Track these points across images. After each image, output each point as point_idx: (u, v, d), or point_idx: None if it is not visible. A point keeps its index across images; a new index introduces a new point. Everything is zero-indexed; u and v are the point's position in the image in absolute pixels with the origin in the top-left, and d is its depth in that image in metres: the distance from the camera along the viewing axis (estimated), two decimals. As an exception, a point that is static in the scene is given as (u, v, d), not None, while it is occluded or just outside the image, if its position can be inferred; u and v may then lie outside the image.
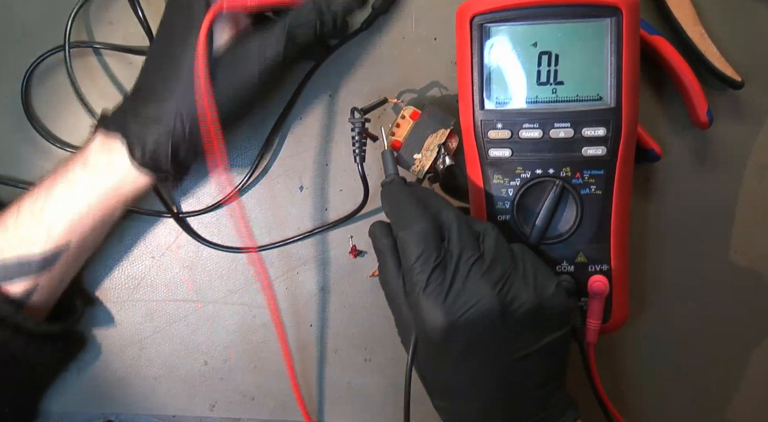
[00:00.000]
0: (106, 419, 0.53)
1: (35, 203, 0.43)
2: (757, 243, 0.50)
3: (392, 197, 0.40)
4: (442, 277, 0.36)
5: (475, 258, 0.37)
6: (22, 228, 0.43)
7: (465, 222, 0.38)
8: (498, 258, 0.37)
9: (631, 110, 0.42)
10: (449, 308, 0.36)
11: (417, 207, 0.38)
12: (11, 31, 0.52)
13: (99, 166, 0.43)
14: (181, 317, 0.52)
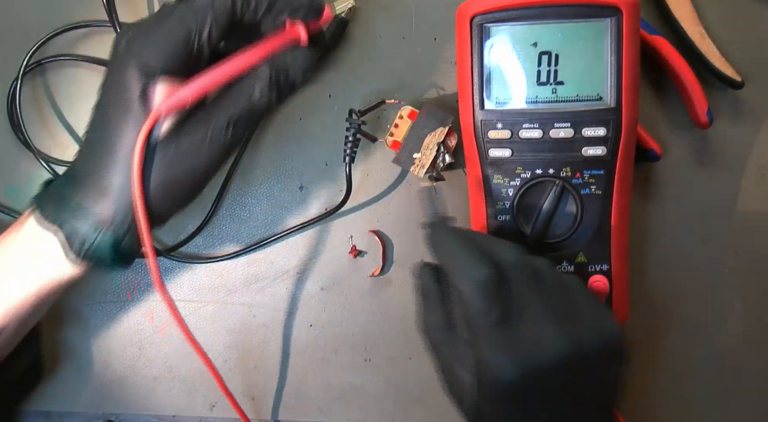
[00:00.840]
0: (106, 419, 0.53)
1: None
2: (757, 243, 0.50)
3: (444, 242, 0.38)
4: (508, 326, 0.34)
5: (540, 301, 0.35)
6: None
7: (524, 263, 0.37)
8: (558, 296, 0.36)
9: (631, 110, 0.42)
10: (522, 358, 0.34)
11: (473, 250, 0.36)
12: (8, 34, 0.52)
13: (36, 255, 0.38)
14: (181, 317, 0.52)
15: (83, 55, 0.52)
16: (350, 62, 0.51)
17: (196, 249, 0.52)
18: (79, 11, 0.51)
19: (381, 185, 0.51)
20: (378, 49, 0.51)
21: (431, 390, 0.51)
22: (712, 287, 0.50)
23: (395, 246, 0.51)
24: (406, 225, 0.51)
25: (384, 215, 0.51)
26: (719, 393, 0.50)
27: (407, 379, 0.51)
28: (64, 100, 0.52)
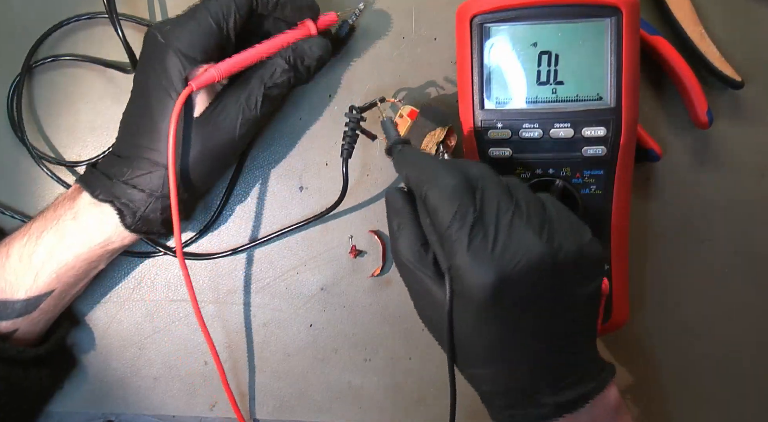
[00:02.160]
0: (106, 419, 0.53)
1: (24, 248, 0.44)
2: (757, 243, 0.50)
3: (411, 159, 0.38)
4: (484, 231, 0.34)
5: (514, 209, 0.34)
6: (10, 272, 0.43)
7: (495, 176, 0.36)
8: (533, 207, 0.35)
9: (631, 110, 0.42)
10: (499, 263, 0.33)
11: (442, 164, 0.36)
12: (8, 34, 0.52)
13: (90, 223, 0.44)
14: (181, 317, 0.52)
15: (83, 55, 0.52)
16: (350, 62, 0.51)
17: (196, 249, 0.52)
18: (78, 10, 0.51)
19: (381, 185, 0.51)
20: (378, 49, 0.51)
21: (431, 390, 0.51)
22: (712, 287, 0.50)
23: (395, 246, 0.51)
24: (406, 225, 0.51)
25: (384, 214, 0.51)
26: (719, 392, 0.50)
27: (407, 379, 0.51)
28: (63, 100, 0.52)
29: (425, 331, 0.51)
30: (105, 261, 0.47)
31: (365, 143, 0.50)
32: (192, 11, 0.42)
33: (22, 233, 0.44)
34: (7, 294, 0.43)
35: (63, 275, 0.44)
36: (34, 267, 0.43)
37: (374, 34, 0.51)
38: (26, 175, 0.52)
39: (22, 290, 0.43)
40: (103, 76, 0.52)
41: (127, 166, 0.43)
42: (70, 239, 0.44)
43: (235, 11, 0.42)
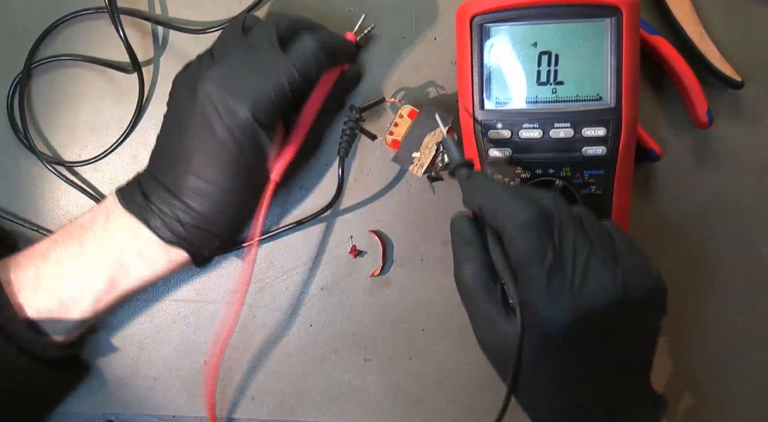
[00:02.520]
0: (106, 419, 0.53)
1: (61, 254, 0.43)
2: (757, 243, 0.50)
3: (483, 188, 0.37)
4: (562, 270, 0.34)
5: (589, 245, 0.35)
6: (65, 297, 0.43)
7: (566, 207, 0.36)
8: (604, 241, 0.36)
9: (631, 110, 0.42)
10: (576, 302, 0.33)
11: (516, 194, 0.36)
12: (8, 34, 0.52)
13: (157, 262, 0.44)
14: (181, 317, 0.52)
15: (83, 55, 0.52)
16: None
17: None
18: (78, 8, 0.51)
19: (381, 185, 0.51)
20: (378, 49, 0.51)
21: (431, 390, 0.51)
22: (712, 287, 0.50)
23: (395, 246, 0.51)
24: (406, 225, 0.51)
25: (384, 214, 0.51)
26: (719, 392, 0.50)
27: (407, 379, 0.51)
28: (63, 100, 0.52)
29: (425, 331, 0.51)
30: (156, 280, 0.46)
31: (366, 143, 0.50)
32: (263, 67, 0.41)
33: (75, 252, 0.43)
34: (61, 315, 0.43)
35: (120, 300, 0.44)
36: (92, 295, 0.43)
37: (374, 34, 0.51)
38: (26, 175, 0.52)
39: (78, 312, 0.43)
40: (103, 76, 0.52)
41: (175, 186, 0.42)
42: (135, 275, 0.44)
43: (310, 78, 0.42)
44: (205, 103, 0.40)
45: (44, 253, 0.43)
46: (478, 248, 0.37)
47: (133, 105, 0.51)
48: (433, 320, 0.51)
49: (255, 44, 0.41)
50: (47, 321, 0.42)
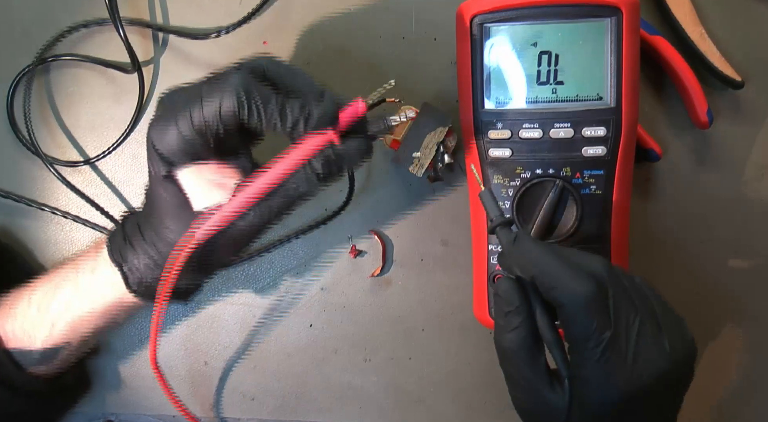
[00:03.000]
0: (106, 419, 0.53)
1: (44, 297, 0.43)
2: (758, 243, 0.50)
3: (532, 254, 0.36)
4: (617, 347, 0.33)
5: (640, 316, 0.34)
6: (28, 322, 0.42)
7: (615, 276, 0.35)
8: (649, 309, 0.35)
9: (631, 110, 0.42)
10: (629, 379, 0.33)
11: (572, 267, 0.35)
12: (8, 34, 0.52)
13: (104, 281, 0.42)
14: (181, 317, 0.52)
15: (83, 55, 0.52)
16: (350, 62, 0.51)
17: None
18: (80, 11, 0.51)
19: (381, 185, 0.51)
20: (378, 49, 0.51)
21: (431, 390, 0.51)
22: (712, 288, 0.50)
23: (395, 246, 0.51)
24: (406, 225, 0.51)
25: (384, 214, 0.51)
26: (719, 392, 0.50)
27: (407, 379, 0.51)
28: (63, 100, 0.52)
29: (425, 331, 0.51)
30: (123, 317, 0.44)
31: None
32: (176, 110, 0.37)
33: (45, 279, 0.44)
34: (26, 343, 0.42)
35: (78, 328, 0.43)
36: (50, 319, 0.42)
37: (374, 34, 0.51)
38: (26, 175, 0.52)
39: (39, 342, 0.42)
40: (104, 76, 0.52)
41: (142, 232, 0.41)
42: (86, 293, 0.42)
43: (218, 124, 0.36)
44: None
45: (32, 285, 0.44)
46: (525, 315, 0.36)
47: (133, 105, 0.51)
48: (433, 320, 0.51)
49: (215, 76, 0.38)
50: (16, 350, 0.42)
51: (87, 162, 0.52)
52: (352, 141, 0.38)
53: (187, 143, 0.37)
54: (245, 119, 0.36)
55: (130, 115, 0.51)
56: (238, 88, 0.35)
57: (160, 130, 0.37)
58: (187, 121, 0.36)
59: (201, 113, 0.36)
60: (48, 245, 0.52)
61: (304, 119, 0.36)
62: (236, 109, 0.35)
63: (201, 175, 0.39)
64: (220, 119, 0.36)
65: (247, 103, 0.35)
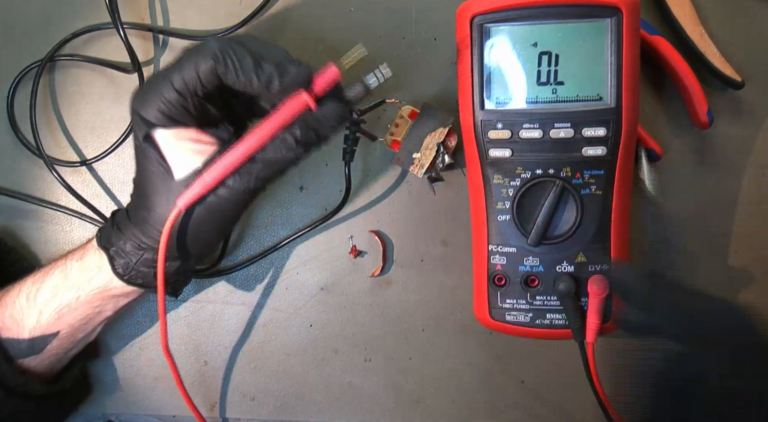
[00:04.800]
0: (106, 419, 0.53)
1: (32, 286, 0.43)
2: (757, 243, 0.50)
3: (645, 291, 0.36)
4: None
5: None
6: (17, 310, 0.43)
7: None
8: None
9: (631, 109, 0.42)
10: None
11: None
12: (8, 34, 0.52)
13: (92, 267, 0.42)
14: (181, 317, 0.52)
15: (84, 55, 0.52)
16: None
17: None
18: (80, 11, 0.51)
19: (381, 185, 0.51)
20: (378, 49, 0.51)
21: (431, 390, 0.51)
22: (712, 288, 0.50)
23: (395, 246, 0.51)
24: (406, 225, 0.51)
25: (384, 215, 0.51)
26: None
27: (407, 379, 0.51)
28: (64, 100, 0.52)
29: (425, 331, 0.51)
30: (111, 308, 0.44)
31: (366, 143, 0.50)
32: (157, 75, 0.39)
33: (36, 271, 0.44)
34: (14, 333, 0.43)
35: (65, 316, 0.43)
36: (38, 306, 0.43)
37: (374, 34, 0.51)
38: (26, 175, 0.52)
39: (27, 330, 0.43)
40: (104, 76, 0.52)
41: (129, 217, 0.42)
42: (73, 279, 0.43)
43: (197, 81, 0.37)
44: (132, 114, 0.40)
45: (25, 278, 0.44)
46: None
47: (133, 105, 0.51)
48: (433, 320, 0.51)
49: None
50: (5, 339, 0.42)
51: (84, 163, 0.52)
52: (328, 105, 0.39)
53: (168, 104, 0.38)
54: (222, 74, 0.37)
55: (129, 115, 0.51)
56: (213, 48, 0.37)
57: (143, 93, 0.39)
58: (167, 82, 0.38)
59: (180, 73, 0.37)
60: (48, 245, 0.52)
61: (279, 74, 0.37)
62: (212, 64, 0.37)
63: (180, 140, 0.39)
64: (198, 77, 0.37)
65: (223, 59, 0.37)
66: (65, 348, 0.45)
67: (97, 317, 0.44)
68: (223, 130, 0.41)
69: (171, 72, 0.38)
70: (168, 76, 0.38)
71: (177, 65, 0.38)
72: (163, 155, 0.40)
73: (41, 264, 0.52)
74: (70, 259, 0.44)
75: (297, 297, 0.52)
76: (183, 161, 0.39)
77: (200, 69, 0.37)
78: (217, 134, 0.41)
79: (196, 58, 0.37)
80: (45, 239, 0.52)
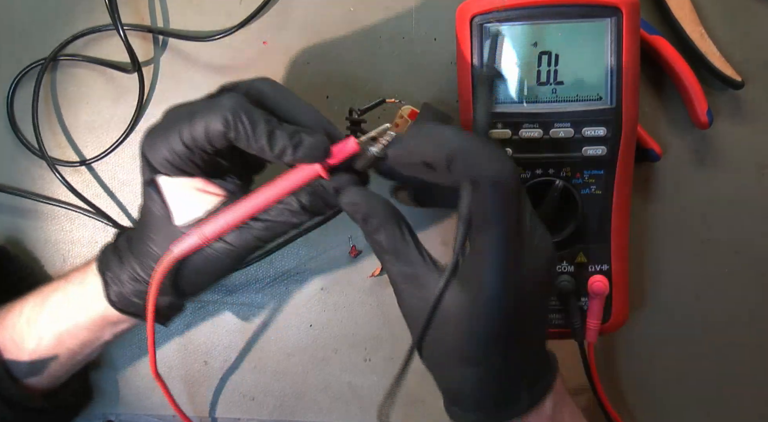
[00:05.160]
0: (106, 419, 0.53)
1: (33, 309, 0.43)
2: (757, 243, 0.50)
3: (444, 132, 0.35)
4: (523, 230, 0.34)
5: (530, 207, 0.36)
6: (17, 333, 0.43)
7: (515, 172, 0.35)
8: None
9: (631, 109, 0.42)
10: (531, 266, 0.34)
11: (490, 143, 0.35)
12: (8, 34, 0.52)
13: (91, 291, 0.42)
14: (181, 317, 0.52)
15: (83, 55, 0.52)
16: (350, 62, 0.51)
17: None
18: (80, 11, 0.51)
19: (381, 185, 0.51)
20: (378, 49, 0.51)
21: (431, 390, 0.51)
22: (712, 288, 0.50)
23: (395, 246, 0.51)
24: (406, 225, 0.51)
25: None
26: (719, 392, 0.50)
27: (407, 379, 0.51)
28: (64, 100, 0.52)
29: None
30: (109, 334, 0.44)
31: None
32: (169, 120, 0.37)
33: (37, 291, 0.44)
34: (14, 355, 0.42)
35: (65, 341, 0.43)
36: (38, 331, 0.42)
37: (374, 34, 0.51)
38: (26, 175, 0.52)
39: (27, 353, 0.42)
40: (104, 76, 0.52)
41: (131, 246, 0.41)
42: (73, 304, 0.42)
43: (205, 142, 0.36)
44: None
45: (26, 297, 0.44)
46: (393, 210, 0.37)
47: (133, 105, 0.51)
48: (433, 320, 0.51)
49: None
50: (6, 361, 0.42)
51: (83, 163, 0.52)
52: (341, 176, 0.37)
53: (174, 155, 0.37)
54: (233, 139, 0.35)
55: (130, 115, 0.51)
56: (225, 110, 0.35)
57: (152, 138, 0.38)
58: (176, 134, 0.36)
59: (189, 129, 0.36)
60: (48, 245, 0.52)
61: (293, 146, 0.35)
62: (223, 129, 0.35)
63: (184, 188, 0.39)
64: (206, 137, 0.35)
65: (234, 124, 0.35)
66: (66, 369, 0.45)
67: (96, 341, 0.44)
68: (231, 182, 0.40)
69: (182, 124, 0.36)
70: (178, 128, 0.36)
71: (189, 117, 0.36)
72: (165, 200, 0.39)
73: (40, 265, 0.52)
74: (71, 282, 0.43)
75: (297, 297, 0.52)
76: (186, 208, 0.39)
77: (210, 130, 0.35)
78: (224, 185, 0.40)
79: (208, 117, 0.35)
80: (45, 238, 0.52)
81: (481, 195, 0.33)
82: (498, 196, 0.33)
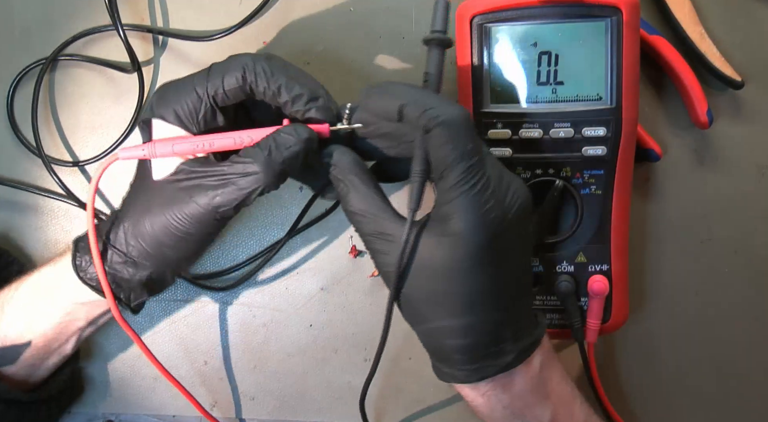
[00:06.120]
0: (106, 419, 0.53)
1: (8, 294, 0.43)
2: (757, 243, 0.50)
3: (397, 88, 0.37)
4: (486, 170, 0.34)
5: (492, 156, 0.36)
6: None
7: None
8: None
9: (631, 109, 0.42)
10: (501, 205, 0.34)
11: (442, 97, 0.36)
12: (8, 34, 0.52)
13: (64, 267, 0.41)
14: (181, 317, 0.52)
15: (83, 55, 0.52)
16: (350, 62, 0.51)
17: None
18: (80, 12, 0.51)
19: (380, 185, 0.51)
20: (378, 49, 0.51)
21: (431, 390, 0.51)
22: (712, 288, 0.50)
23: (395, 246, 0.51)
24: (406, 225, 0.51)
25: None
26: (719, 392, 0.50)
27: (407, 379, 0.51)
28: (63, 100, 0.52)
29: (425, 331, 0.51)
30: (83, 318, 0.42)
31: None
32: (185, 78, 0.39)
33: (18, 280, 0.43)
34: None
35: (37, 324, 0.42)
36: (10, 315, 0.42)
37: (374, 34, 0.51)
38: (26, 175, 0.52)
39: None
40: (104, 76, 0.52)
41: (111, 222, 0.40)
42: (44, 283, 0.42)
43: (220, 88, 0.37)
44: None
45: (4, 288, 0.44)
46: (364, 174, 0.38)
47: (133, 105, 0.51)
48: (433, 320, 0.51)
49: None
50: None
51: (87, 162, 0.52)
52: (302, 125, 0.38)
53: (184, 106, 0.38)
54: (251, 82, 0.37)
55: (130, 115, 0.51)
56: (245, 57, 0.38)
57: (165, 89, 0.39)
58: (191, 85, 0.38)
59: (206, 79, 0.38)
60: (48, 245, 0.52)
61: (309, 98, 0.37)
62: (242, 73, 0.37)
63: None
64: (223, 84, 0.37)
65: (253, 67, 0.37)
66: (41, 357, 0.43)
67: (71, 326, 0.43)
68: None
69: (199, 76, 0.38)
70: (193, 79, 0.38)
71: (206, 71, 0.38)
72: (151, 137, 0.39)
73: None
74: (46, 264, 0.43)
75: (297, 297, 0.52)
76: (167, 164, 0.39)
77: (228, 76, 0.37)
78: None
79: (226, 66, 0.38)
80: (45, 238, 0.52)
81: (434, 139, 0.34)
82: (451, 136, 0.34)
